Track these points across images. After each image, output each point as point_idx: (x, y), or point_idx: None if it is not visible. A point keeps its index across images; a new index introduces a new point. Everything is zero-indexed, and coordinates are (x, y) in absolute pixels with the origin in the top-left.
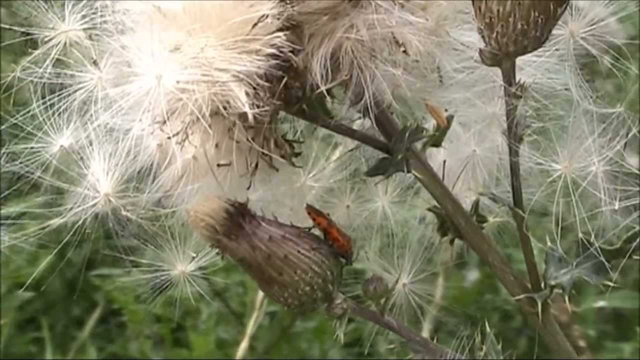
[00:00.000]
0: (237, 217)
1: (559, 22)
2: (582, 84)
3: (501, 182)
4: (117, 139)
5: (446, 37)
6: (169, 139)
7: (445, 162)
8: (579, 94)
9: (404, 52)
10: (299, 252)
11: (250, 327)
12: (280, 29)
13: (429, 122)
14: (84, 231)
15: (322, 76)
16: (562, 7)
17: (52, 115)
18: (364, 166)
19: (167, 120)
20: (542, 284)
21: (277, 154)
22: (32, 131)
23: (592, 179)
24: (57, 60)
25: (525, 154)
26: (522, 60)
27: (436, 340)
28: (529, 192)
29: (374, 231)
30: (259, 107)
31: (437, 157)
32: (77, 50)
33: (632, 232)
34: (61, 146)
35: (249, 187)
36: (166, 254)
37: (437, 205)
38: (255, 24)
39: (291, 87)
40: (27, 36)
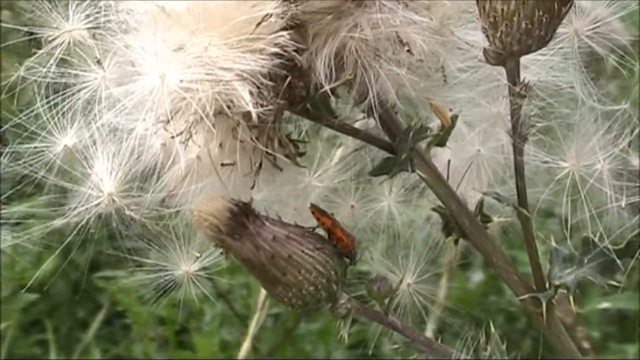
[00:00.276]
0: (241, 217)
1: (564, 21)
2: (586, 82)
3: (506, 181)
4: (120, 138)
5: (450, 37)
6: (173, 138)
7: (449, 161)
8: (584, 91)
9: (408, 51)
10: (303, 251)
11: (252, 328)
12: (284, 28)
13: (433, 122)
14: (88, 231)
15: (326, 75)
16: (567, 7)
17: (56, 114)
18: (369, 166)
19: (170, 119)
20: (547, 284)
21: (281, 154)
22: (36, 131)
23: (598, 177)
24: (61, 59)
25: (530, 153)
26: (527, 58)
27: (441, 340)
28: (535, 191)
29: (379, 231)
30: (262, 106)
31: (441, 156)
32: (81, 49)
33: (638, 231)
34: (65, 146)
35: (252, 187)
36: (170, 254)
37: (442, 205)
38: (259, 23)
39: (295, 87)
40: (31, 36)
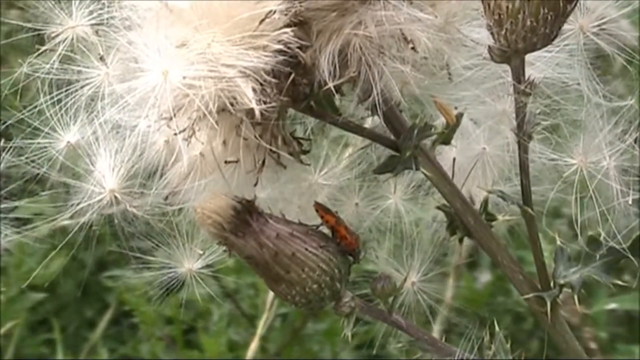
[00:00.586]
0: (245, 215)
1: (569, 18)
2: (592, 78)
3: (512, 179)
4: (123, 135)
5: (455, 34)
6: (176, 135)
7: (454, 159)
8: (590, 88)
9: (413, 49)
10: (307, 249)
11: (260, 328)
12: (287, 25)
13: (438, 120)
14: (91, 227)
15: (330, 73)
16: (572, 4)
17: (59, 111)
18: (375, 164)
19: (173, 116)
20: (552, 283)
21: (285, 152)
22: (39, 127)
23: (605, 173)
24: (64, 56)
25: (537, 151)
26: (532, 55)
27: (447, 340)
28: (541, 190)
29: (385, 230)
30: (266, 103)
31: (447, 154)
32: (84, 46)
33: None
34: (68, 142)
35: (256, 185)
36: (173, 252)
37: (447, 203)
38: (262, 20)
39: (299, 84)
40: (35, 32)
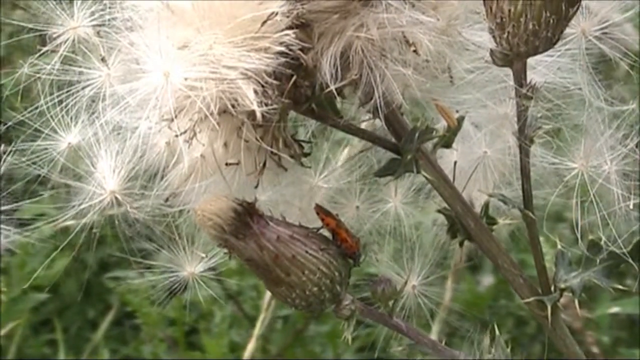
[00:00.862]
0: (245, 217)
1: (571, 22)
2: (594, 82)
3: (513, 184)
4: (124, 136)
5: (457, 37)
6: (177, 137)
7: (455, 163)
8: (592, 92)
9: (415, 51)
10: (307, 252)
11: (257, 329)
12: (289, 27)
13: (440, 123)
14: (92, 229)
15: (332, 75)
16: (574, 8)
17: (60, 112)
18: (376, 167)
19: (174, 118)
20: (552, 287)
21: (286, 154)
22: (40, 128)
23: (606, 177)
24: (66, 57)
25: (538, 155)
26: (534, 59)
27: (447, 343)
28: (543, 193)
29: (385, 233)
30: (267, 105)
31: (448, 158)
32: (86, 47)
33: None
34: (69, 144)
35: (256, 186)
36: (175, 255)
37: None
38: (264, 22)
39: (300, 86)
40: (37, 33)
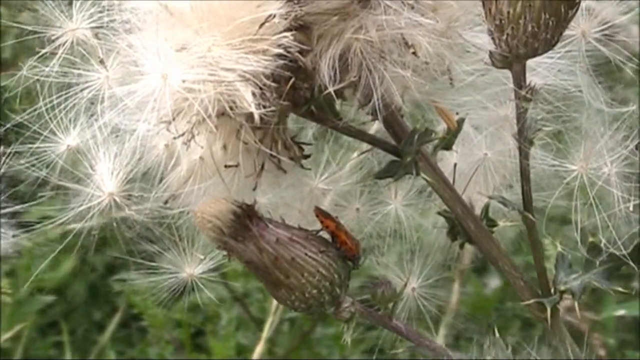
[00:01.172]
0: (244, 219)
1: (572, 23)
2: (594, 84)
3: (514, 186)
4: (123, 138)
5: (457, 39)
6: (175, 139)
7: (455, 165)
8: (592, 94)
9: (414, 53)
10: (307, 254)
11: (265, 332)
12: (288, 29)
13: (440, 125)
14: (90, 232)
15: (331, 77)
16: (573, 9)
17: (59, 114)
18: (376, 169)
19: (173, 120)
20: (552, 289)
21: (286, 156)
22: (39, 130)
23: (606, 179)
24: (64, 59)
25: (538, 157)
26: (535, 61)
27: (454, 346)
28: (547, 195)
29: (385, 235)
30: (265, 107)
31: (449, 160)
32: (84, 49)
33: None
34: (68, 146)
35: (254, 189)
36: (174, 257)
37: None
38: (262, 24)
39: (299, 88)
40: (36, 35)
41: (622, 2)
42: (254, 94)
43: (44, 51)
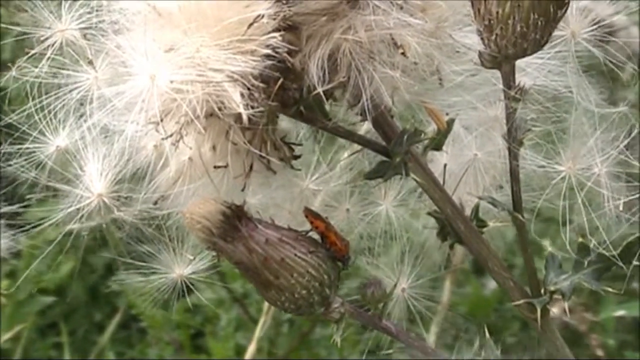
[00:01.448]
0: (234, 220)
1: (561, 23)
2: (585, 85)
3: (504, 186)
4: (112, 139)
5: (446, 40)
6: (164, 140)
7: (445, 165)
8: (581, 95)
9: (403, 54)
10: (296, 255)
11: (258, 331)
12: (277, 30)
13: (432, 126)
14: (81, 232)
15: (320, 78)
16: (563, 10)
17: (48, 115)
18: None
19: (161, 120)
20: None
21: (276, 157)
22: (28, 131)
23: (596, 180)
24: (53, 59)
25: (527, 157)
26: (525, 62)
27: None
28: (534, 196)
29: (376, 236)
30: (253, 108)
31: (439, 160)
32: (73, 50)
33: (634, 237)
34: (58, 147)
35: (243, 189)
36: (164, 257)
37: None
38: (251, 24)
39: (288, 89)
40: (24, 35)
41: (619, 2)
42: (242, 95)
43: (33, 52)
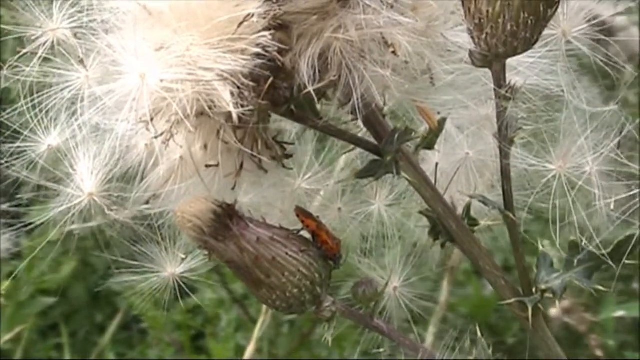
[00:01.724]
0: (225, 219)
1: (552, 22)
2: (576, 84)
3: (495, 185)
4: (103, 138)
5: (437, 38)
6: (155, 138)
7: (437, 164)
8: (572, 94)
9: (393, 52)
10: (287, 254)
11: (257, 331)
12: (267, 29)
13: (424, 125)
14: (72, 231)
15: (310, 77)
16: (553, 8)
17: (40, 114)
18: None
19: (151, 119)
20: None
21: (267, 156)
22: (19, 130)
23: (587, 179)
24: (44, 59)
25: (518, 156)
26: (517, 60)
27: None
28: (524, 195)
29: (368, 235)
30: (244, 106)
31: (431, 159)
32: (64, 49)
33: (624, 237)
34: (49, 145)
35: (234, 188)
36: (156, 256)
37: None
38: (241, 23)
39: (279, 88)
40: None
41: (619, 2)
42: (232, 93)
43: (25, 51)
